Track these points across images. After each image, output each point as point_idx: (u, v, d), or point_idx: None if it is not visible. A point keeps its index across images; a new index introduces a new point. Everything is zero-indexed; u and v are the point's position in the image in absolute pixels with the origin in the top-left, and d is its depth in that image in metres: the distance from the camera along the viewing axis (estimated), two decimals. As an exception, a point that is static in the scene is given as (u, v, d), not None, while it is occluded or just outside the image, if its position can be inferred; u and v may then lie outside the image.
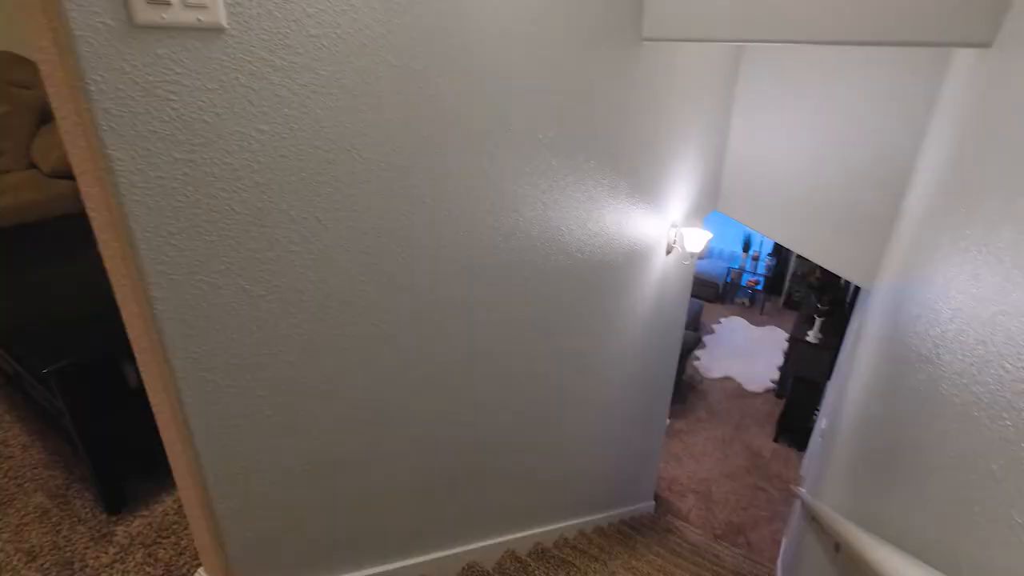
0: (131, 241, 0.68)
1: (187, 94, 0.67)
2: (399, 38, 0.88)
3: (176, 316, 0.74)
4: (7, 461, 1.43)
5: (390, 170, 0.94)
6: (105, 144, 0.62)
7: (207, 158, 0.71)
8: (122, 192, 0.65)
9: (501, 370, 1.43)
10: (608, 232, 1.67)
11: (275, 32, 0.73)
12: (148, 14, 0.61)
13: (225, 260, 0.77)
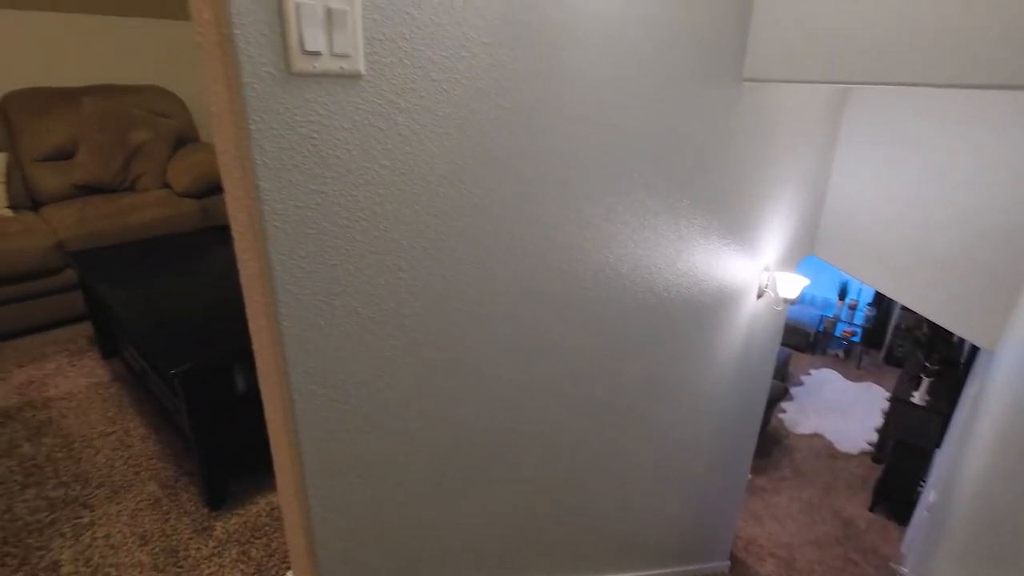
0: (268, 262, 0.75)
1: (326, 133, 0.75)
2: (509, 81, 0.93)
3: (297, 332, 0.80)
4: (128, 450, 1.59)
5: (491, 204, 0.98)
6: (257, 175, 0.70)
7: (336, 190, 0.78)
8: (266, 218, 0.73)
9: (580, 403, 1.42)
10: (698, 273, 1.64)
11: (403, 77, 0.80)
12: (302, 63, 0.70)
13: (343, 283, 0.83)
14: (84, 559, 1.24)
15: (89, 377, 2.01)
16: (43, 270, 2.29)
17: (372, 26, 0.75)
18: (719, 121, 1.50)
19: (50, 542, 1.29)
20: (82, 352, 2.20)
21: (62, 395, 1.90)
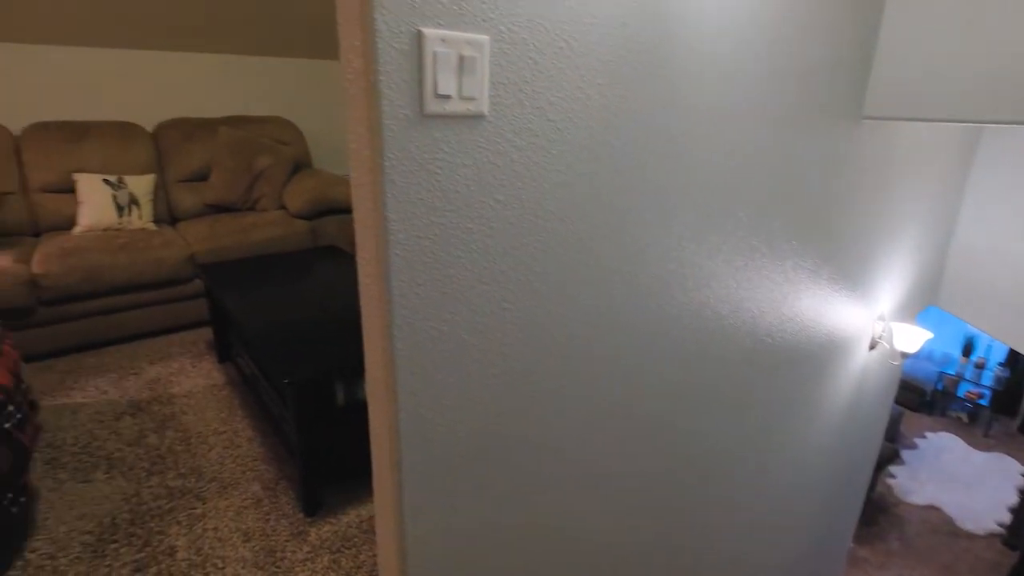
0: (388, 287, 0.80)
1: (449, 169, 0.79)
2: (620, 120, 0.95)
3: (408, 355, 0.85)
4: (236, 450, 1.72)
5: (596, 240, 0.99)
6: (387, 207, 0.76)
7: (453, 223, 0.82)
8: (390, 246, 0.78)
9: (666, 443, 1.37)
10: (804, 319, 1.54)
11: (522, 118, 0.84)
12: (434, 106, 0.75)
13: (452, 311, 0.87)
14: (196, 548, 1.35)
15: (206, 379, 2.21)
16: (177, 279, 2.57)
17: (497, 71, 0.80)
18: (835, 160, 1.42)
19: (168, 528, 1.42)
20: (201, 355, 2.43)
21: (183, 393, 2.10)
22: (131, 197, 2.83)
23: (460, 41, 0.75)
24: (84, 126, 2.93)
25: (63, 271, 2.34)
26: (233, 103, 3.51)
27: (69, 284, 2.34)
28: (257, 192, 3.10)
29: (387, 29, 0.70)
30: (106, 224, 2.75)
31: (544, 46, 0.83)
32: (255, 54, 3.51)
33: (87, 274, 2.37)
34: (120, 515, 1.47)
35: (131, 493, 1.56)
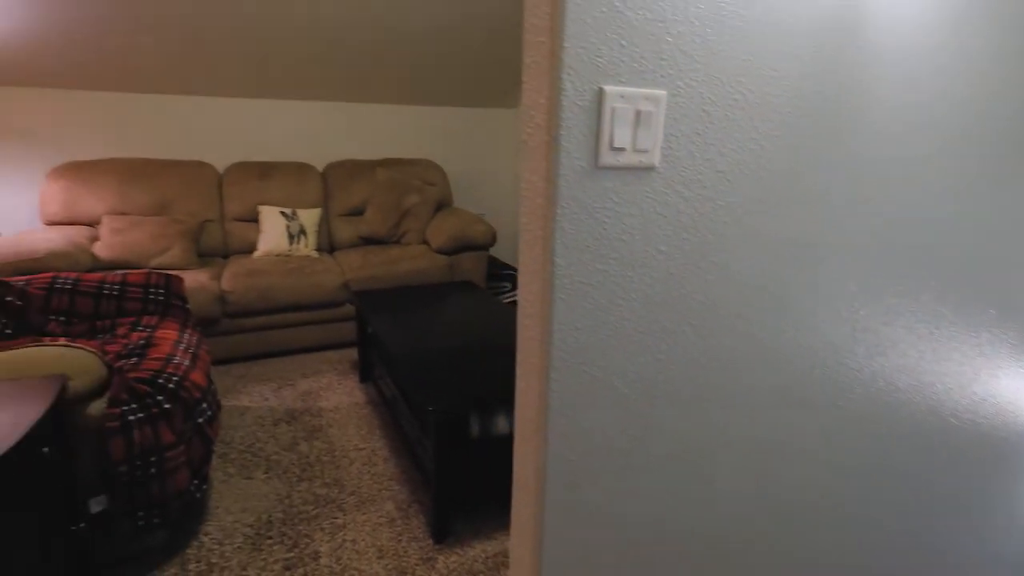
0: (549, 329, 0.82)
1: (616, 219, 0.81)
2: (794, 168, 0.91)
3: (561, 397, 0.85)
4: (374, 468, 1.84)
5: (761, 295, 0.94)
6: (555, 252, 0.78)
7: (616, 271, 0.83)
8: (555, 290, 0.80)
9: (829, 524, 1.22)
10: (1001, 401, 1.32)
11: (691, 169, 0.84)
12: (608, 158, 0.77)
13: (608, 357, 0.86)
14: (336, 556, 1.44)
15: (350, 396, 2.40)
16: (332, 302, 2.85)
17: (671, 123, 0.81)
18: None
19: (314, 533, 1.54)
20: (345, 374, 2.65)
21: (330, 407, 2.30)
22: (301, 228, 3.22)
23: (638, 97, 0.77)
24: (270, 166, 3.41)
25: (244, 289, 2.70)
26: (390, 147, 3.90)
27: (248, 301, 2.70)
28: (404, 227, 3.38)
29: (572, 88, 0.73)
30: (279, 250, 3.14)
31: (718, 98, 0.83)
32: (410, 104, 3.89)
33: (262, 293, 2.72)
34: (275, 514, 1.62)
35: (284, 495, 1.71)
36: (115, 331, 1.98)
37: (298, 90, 3.55)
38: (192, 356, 1.80)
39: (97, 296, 2.04)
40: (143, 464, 1.38)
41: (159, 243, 2.89)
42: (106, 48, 2.94)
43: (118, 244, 2.85)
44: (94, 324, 2.01)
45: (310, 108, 3.68)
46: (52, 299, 1.98)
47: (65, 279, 2.03)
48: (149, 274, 2.16)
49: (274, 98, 3.58)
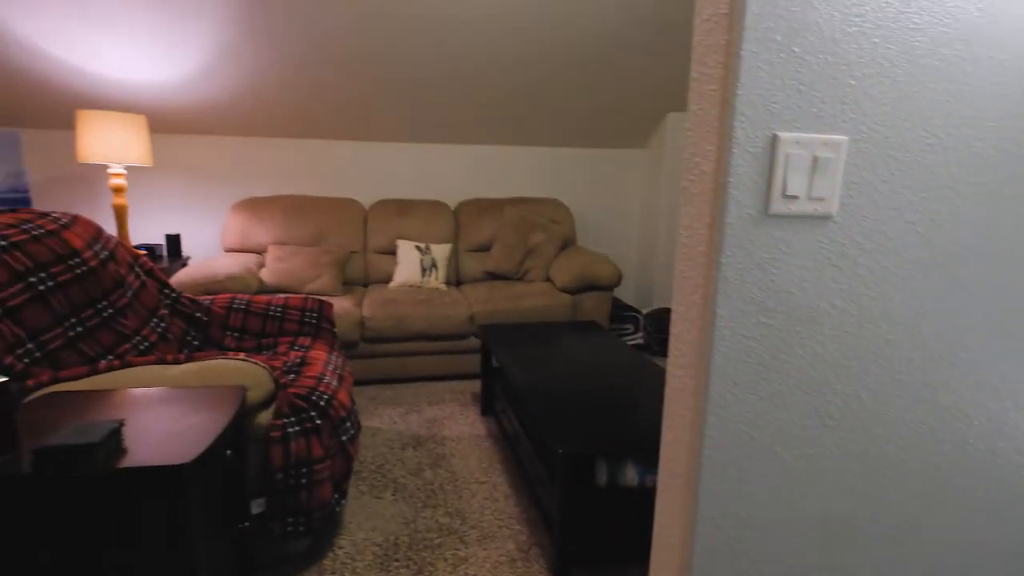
0: (705, 382, 0.78)
1: (785, 269, 0.76)
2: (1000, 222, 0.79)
3: (715, 456, 0.80)
4: (495, 503, 1.85)
5: (949, 363, 0.83)
6: (717, 303, 0.75)
7: (782, 325, 0.78)
8: (715, 342, 0.76)
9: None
10: None
11: (874, 219, 0.77)
12: (780, 206, 0.73)
13: (768, 418, 0.80)
14: (457, 589, 1.46)
15: (472, 428, 2.46)
16: (458, 333, 2.97)
17: (852, 170, 0.75)
18: None
19: (437, 562, 1.57)
20: (467, 405, 2.72)
21: (453, 437, 2.37)
22: (433, 261, 3.42)
23: (815, 143, 0.73)
24: (408, 203, 3.69)
25: (382, 316, 2.90)
26: (518, 186, 4.05)
27: (384, 327, 2.90)
28: (529, 264, 3.46)
29: (743, 135, 0.71)
30: (412, 282, 3.36)
31: (909, 142, 0.76)
32: (538, 145, 4.03)
33: (397, 321, 2.91)
34: (401, 537, 1.68)
35: (410, 519, 1.78)
36: (276, 348, 2.21)
37: (437, 134, 3.84)
38: (339, 377, 1.96)
39: (264, 316, 2.30)
40: (296, 474, 1.51)
41: (312, 271, 3.22)
42: (282, 104, 3.42)
43: (279, 271, 3.21)
44: (260, 341, 2.26)
45: (447, 151, 3.95)
46: (230, 317, 2.27)
47: (240, 300, 2.32)
48: (305, 299, 2.41)
49: (416, 142, 3.90)
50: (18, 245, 1.56)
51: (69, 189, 3.64)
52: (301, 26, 2.91)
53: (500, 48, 3.17)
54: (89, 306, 1.72)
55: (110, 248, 1.94)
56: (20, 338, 1.47)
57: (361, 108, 3.53)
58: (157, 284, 2.14)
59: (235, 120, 3.55)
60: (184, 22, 2.85)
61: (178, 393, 1.34)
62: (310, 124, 3.64)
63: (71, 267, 1.69)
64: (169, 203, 3.73)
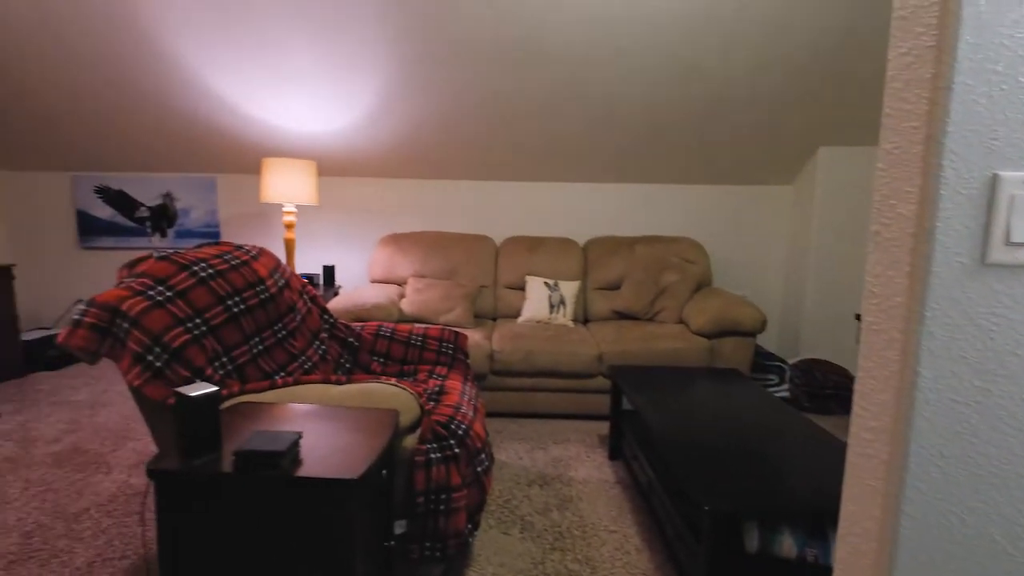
0: (903, 451, 0.69)
1: (1007, 327, 0.66)
2: None
3: (913, 538, 0.70)
4: (625, 556, 1.77)
5: None
6: (919, 362, 0.67)
7: (1004, 391, 0.67)
8: (916, 406, 0.68)
9: None
10: None
11: None
12: (1001, 254, 0.64)
13: (984, 499, 0.69)
14: (588, 641, 1.40)
15: (599, 472, 2.39)
16: (585, 372, 2.94)
17: (1099, 214, 0.64)
18: None
19: (565, 608, 1.52)
20: (594, 447, 2.66)
21: (580, 479, 2.32)
22: (561, 298, 3.45)
23: (1050, 182, 0.63)
24: (538, 240, 3.78)
25: (511, 350, 2.97)
26: (649, 224, 3.99)
27: (512, 361, 2.96)
28: (660, 305, 3.36)
29: (954, 175, 0.64)
30: (540, 317, 3.40)
31: None
32: (671, 182, 3.95)
33: (525, 355, 2.95)
34: (528, 576, 1.66)
35: (538, 559, 1.75)
36: (417, 376, 2.35)
37: (569, 173, 3.92)
38: (474, 408, 2.02)
39: (406, 344, 2.46)
40: (435, 499, 1.57)
41: (447, 303, 3.40)
42: (428, 148, 3.72)
43: (417, 302, 3.43)
44: (402, 367, 2.42)
45: (577, 189, 4.01)
46: (376, 343, 2.46)
47: (386, 328, 2.51)
48: (443, 330, 2.54)
49: (547, 180, 4.01)
50: (221, 273, 1.84)
51: (249, 224, 4.23)
52: (448, 79, 3.17)
53: (634, 87, 3.19)
54: (268, 327, 1.96)
55: (286, 277, 2.21)
56: (218, 352, 1.71)
57: (498, 151, 3.73)
58: (319, 310, 2.39)
59: (387, 163, 3.92)
60: (352, 79, 3.24)
61: (340, 411, 1.46)
62: (450, 165, 3.92)
63: (257, 293, 1.94)
64: (327, 237, 4.18)
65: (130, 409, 3.10)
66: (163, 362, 1.52)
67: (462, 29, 2.86)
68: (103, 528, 1.96)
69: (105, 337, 1.50)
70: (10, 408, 3.09)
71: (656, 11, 2.73)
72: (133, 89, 3.36)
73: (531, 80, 3.16)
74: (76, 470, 2.38)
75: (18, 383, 3.52)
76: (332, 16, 2.84)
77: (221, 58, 3.14)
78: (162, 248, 4.26)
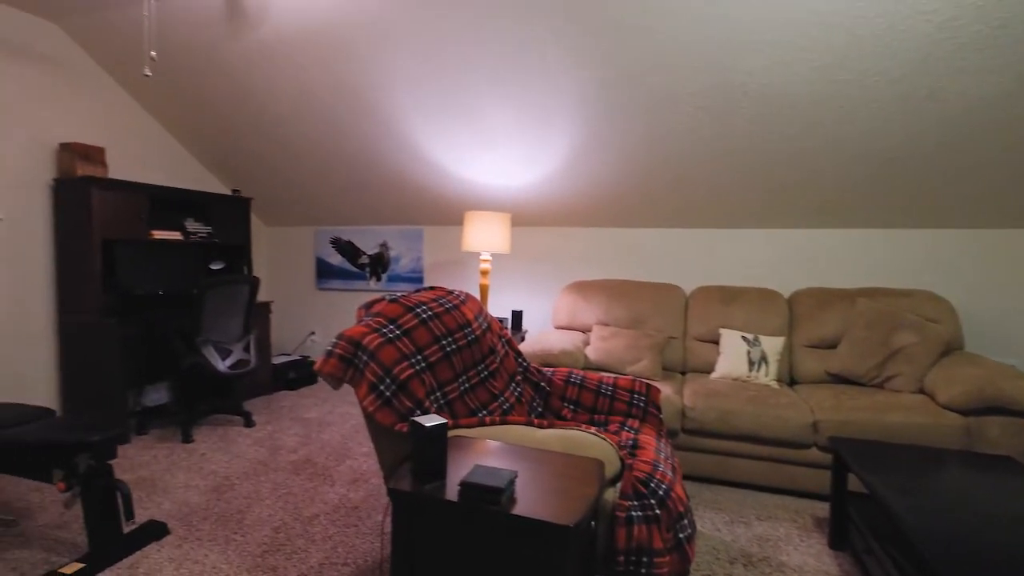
0: None
1: None
2: None
3: None
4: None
5: None
6: None
7: None
8: None
9: None
10: None
11: None
12: None
13: None
14: None
15: (817, 561, 2.04)
16: (795, 441, 2.59)
17: None
18: None
19: None
20: (808, 530, 2.30)
21: (793, 566, 2.00)
22: (762, 355, 3.13)
23: None
24: (734, 291, 3.51)
25: (705, 408, 2.75)
26: (870, 275, 3.47)
27: (707, 420, 2.73)
28: (892, 370, 2.85)
29: None
30: (737, 374, 3.11)
31: None
32: (901, 227, 3.40)
33: (721, 415, 2.71)
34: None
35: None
36: (608, 426, 2.28)
37: (764, 220, 3.61)
38: (672, 467, 1.88)
39: (596, 393, 2.42)
40: (636, 561, 1.47)
41: (633, 353, 3.30)
42: (613, 197, 3.74)
43: (602, 349, 3.39)
44: (592, 416, 2.38)
45: (776, 236, 3.67)
46: (567, 389, 2.46)
47: (576, 375, 2.50)
48: (634, 381, 2.45)
49: (737, 227, 3.74)
50: (437, 315, 2.01)
51: (448, 270, 4.64)
52: (645, 127, 3.18)
53: (856, 121, 2.85)
54: (473, 367, 2.08)
55: (488, 321, 2.34)
56: (433, 387, 1.85)
57: (690, 197, 3.60)
58: (514, 353, 2.48)
59: (575, 212, 4.03)
60: (546, 136, 3.43)
61: (546, 455, 1.46)
62: (638, 213, 3.88)
63: (465, 335, 2.08)
64: (516, 283, 4.40)
65: (348, 429, 3.52)
66: (391, 392, 1.68)
67: (663, 79, 2.87)
68: (330, 535, 2.20)
69: (349, 367, 1.72)
70: (262, 419, 3.72)
71: (889, 29, 2.44)
72: (368, 157, 3.98)
73: (732, 123, 3.02)
74: (308, 479, 2.74)
75: (267, 399, 4.24)
76: (528, 79, 3.06)
77: (436, 127, 3.57)
78: (378, 290, 4.88)
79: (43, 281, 3.46)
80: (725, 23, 2.52)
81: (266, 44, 3.22)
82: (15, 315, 3.32)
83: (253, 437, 3.36)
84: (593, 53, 2.81)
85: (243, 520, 2.32)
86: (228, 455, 3.06)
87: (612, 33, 2.69)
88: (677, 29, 2.59)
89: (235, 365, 3.52)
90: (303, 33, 3.08)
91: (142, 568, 1.98)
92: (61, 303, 3.50)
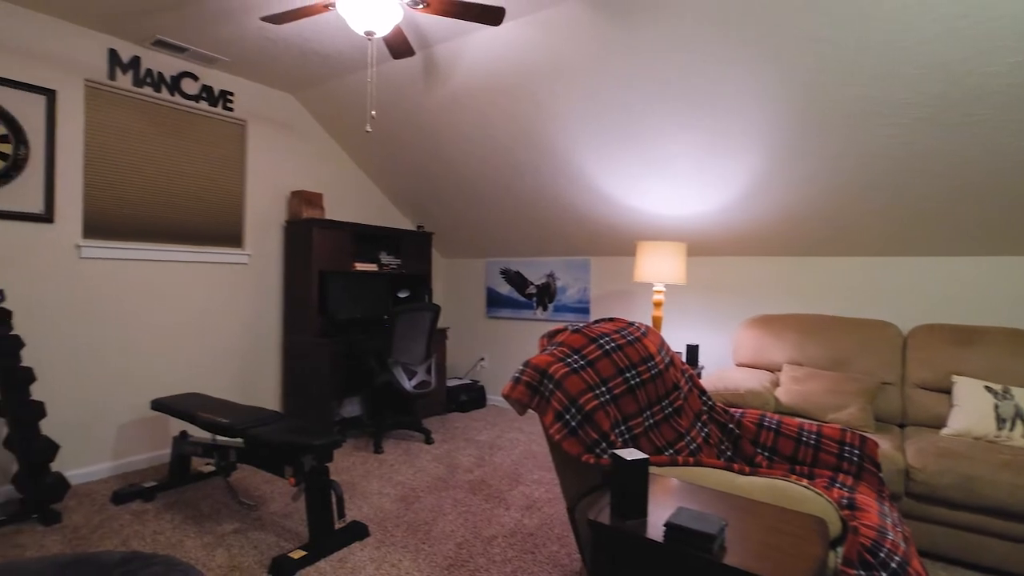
0: None
1: None
2: None
3: None
4: None
5: None
6: None
7: None
8: None
9: None
10: None
11: None
12: None
13: None
14: None
15: None
16: (1077, 525, 2.02)
17: None
18: None
19: None
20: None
21: None
22: (1016, 411, 2.52)
23: None
24: (971, 331, 2.91)
25: (937, 471, 2.28)
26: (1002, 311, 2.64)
27: (940, 485, 2.26)
28: None
29: None
30: (980, 433, 2.55)
31: None
32: None
33: (961, 481, 2.22)
34: None
35: None
36: (813, 480, 2.00)
37: (1002, 246, 2.95)
38: (903, 537, 1.58)
39: (797, 441, 2.15)
40: (870, 651, 1.23)
41: (835, 398, 2.88)
42: (801, 223, 3.36)
43: (796, 392, 3.02)
44: (792, 467, 2.11)
45: (1021, 264, 2.98)
46: (760, 434, 2.22)
47: (771, 419, 2.25)
48: (844, 431, 2.13)
49: (966, 255, 3.11)
50: (620, 347, 1.96)
51: (615, 301, 4.56)
52: (840, 144, 2.83)
53: None
54: (657, 403, 1.98)
55: (670, 355, 2.22)
56: (618, 420, 1.79)
57: (898, 221, 3.10)
58: (698, 391, 2.32)
59: (757, 241, 3.71)
60: (723, 163, 3.23)
61: (754, 505, 1.32)
62: (832, 241, 3.44)
63: (649, 368, 2.00)
64: (691, 316, 4.16)
65: (518, 455, 3.59)
66: (577, 422, 1.67)
67: (867, 90, 2.54)
68: (508, 558, 2.23)
69: (535, 394, 1.74)
70: (439, 437, 3.97)
71: None
72: (540, 192, 4.13)
73: (961, 133, 2.56)
74: (485, 500, 2.83)
75: (442, 418, 4.52)
76: (706, 103, 2.92)
77: (606, 158, 3.58)
78: (545, 319, 4.98)
79: (275, 306, 4.14)
80: (965, 22, 2.16)
81: (454, 95, 3.55)
82: (255, 334, 4.01)
83: (432, 453, 3.58)
84: (796, 66, 2.60)
85: (430, 531, 2.46)
86: (413, 468, 3.30)
87: (810, 45, 2.46)
88: (894, 35, 2.29)
89: (419, 385, 3.82)
90: (487, 81, 3.33)
91: (349, 563, 2.19)
92: (286, 324, 4.14)
